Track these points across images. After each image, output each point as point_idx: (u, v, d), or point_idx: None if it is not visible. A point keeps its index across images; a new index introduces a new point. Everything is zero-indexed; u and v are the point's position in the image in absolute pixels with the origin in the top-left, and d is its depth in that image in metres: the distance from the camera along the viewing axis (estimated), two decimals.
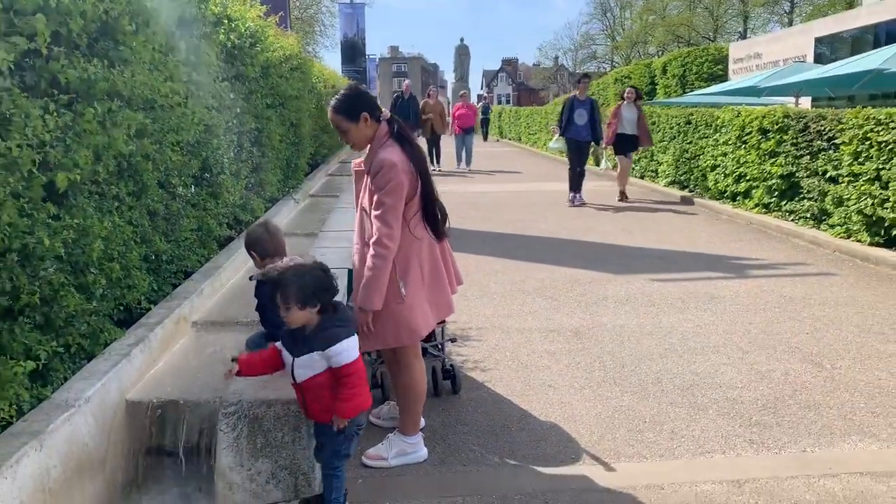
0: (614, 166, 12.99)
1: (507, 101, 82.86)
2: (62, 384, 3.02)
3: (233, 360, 2.89)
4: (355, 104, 3.19)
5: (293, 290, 2.64)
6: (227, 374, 2.88)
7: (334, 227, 6.96)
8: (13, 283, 2.64)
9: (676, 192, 12.24)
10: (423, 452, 3.45)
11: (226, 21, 5.41)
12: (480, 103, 37.41)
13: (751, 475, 3.20)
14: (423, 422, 3.58)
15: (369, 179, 3.20)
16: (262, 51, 6.57)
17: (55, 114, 2.77)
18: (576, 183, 11.60)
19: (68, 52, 2.91)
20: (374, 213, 3.15)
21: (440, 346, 4.26)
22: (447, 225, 3.36)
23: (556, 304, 5.89)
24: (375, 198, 3.14)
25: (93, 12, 2.99)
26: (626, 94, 12.02)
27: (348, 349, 2.68)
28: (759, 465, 3.29)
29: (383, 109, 3.26)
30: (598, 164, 14.94)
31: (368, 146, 3.26)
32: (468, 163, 18.40)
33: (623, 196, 11.98)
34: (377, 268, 3.12)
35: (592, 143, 11.70)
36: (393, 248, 3.13)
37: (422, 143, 11.47)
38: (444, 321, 3.97)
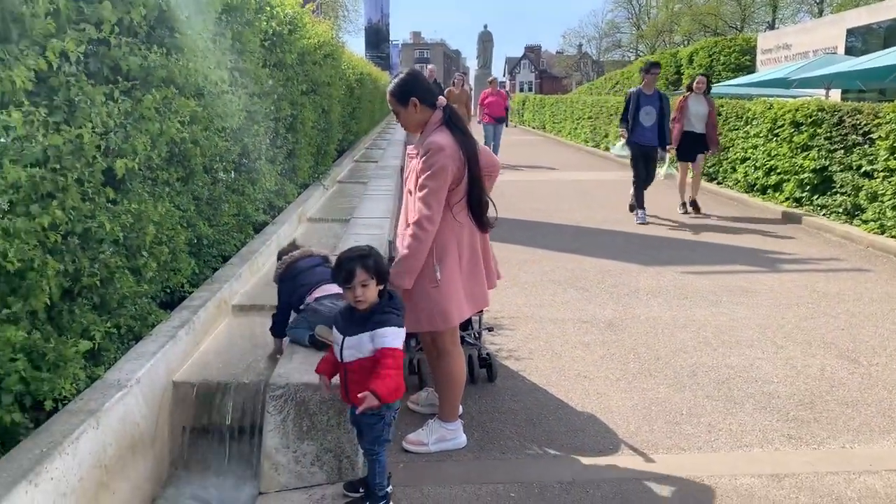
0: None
1: (530, 89, 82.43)
2: (112, 364, 3.10)
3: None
4: (405, 89, 3.30)
5: (378, 265, 2.71)
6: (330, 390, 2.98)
7: (365, 214, 7.00)
8: (75, 266, 2.71)
9: (770, 205, 9.86)
10: (463, 439, 3.50)
11: (267, 8, 5.46)
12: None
13: (790, 470, 3.22)
14: (460, 409, 3.63)
15: (418, 161, 3.26)
16: (300, 38, 6.62)
17: (118, 101, 2.83)
18: (641, 196, 9.38)
19: (129, 40, 2.97)
20: (417, 194, 3.21)
21: (477, 335, 4.30)
22: (494, 216, 3.40)
23: (588, 295, 5.90)
24: (420, 179, 3.20)
25: (154, 1, 3.05)
26: (695, 85, 9.72)
27: (394, 336, 2.71)
28: (799, 460, 3.30)
29: (439, 97, 3.30)
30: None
31: (422, 130, 3.34)
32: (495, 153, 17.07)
33: (690, 207, 9.78)
34: (412, 248, 3.18)
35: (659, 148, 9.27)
36: (431, 230, 3.18)
37: None
38: (481, 310, 4.00)
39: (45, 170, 2.48)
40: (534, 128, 33.02)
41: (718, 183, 11.85)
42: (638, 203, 9.34)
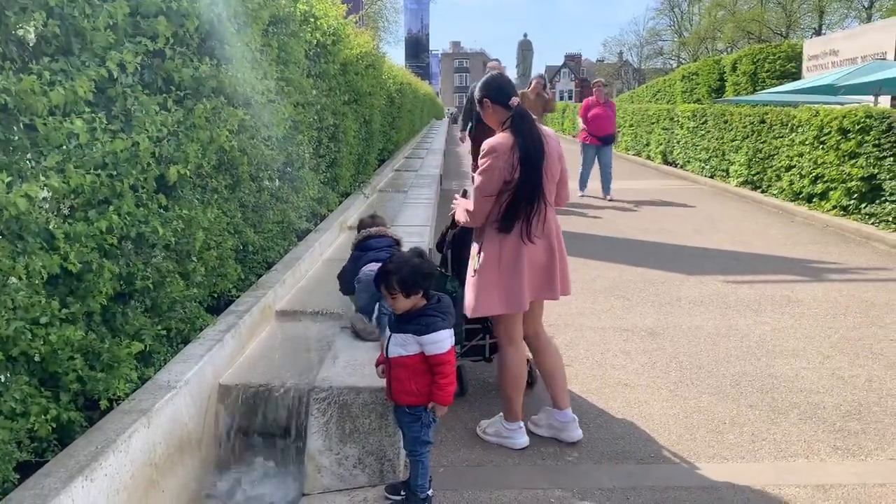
0: None
1: (570, 97, 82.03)
2: (162, 366, 3.20)
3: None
4: (481, 90, 3.51)
5: (396, 281, 2.78)
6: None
7: (405, 222, 7.07)
8: (129, 269, 2.81)
9: (816, 214, 9.38)
10: (521, 441, 3.52)
11: (311, 19, 5.57)
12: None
13: (836, 481, 3.16)
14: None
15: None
16: (343, 49, 6.73)
17: (171, 110, 2.93)
18: None
19: (182, 51, 3.08)
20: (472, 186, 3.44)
21: None
22: (536, 225, 3.35)
23: (629, 304, 5.87)
24: (475, 176, 3.44)
25: (206, 14, 3.16)
26: None
27: (443, 340, 2.80)
28: (845, 472, 3.25)
29: (513, 98, 3.40)
30: None
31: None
32: (606, 190, 11.93)
33: None
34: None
35: None
36: (473, 221, 3.41)
37: None
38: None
39: (103, 175, 2.58)
40: (573, 136, 32.84)
41: (762, 191, 11.66)
42: None
